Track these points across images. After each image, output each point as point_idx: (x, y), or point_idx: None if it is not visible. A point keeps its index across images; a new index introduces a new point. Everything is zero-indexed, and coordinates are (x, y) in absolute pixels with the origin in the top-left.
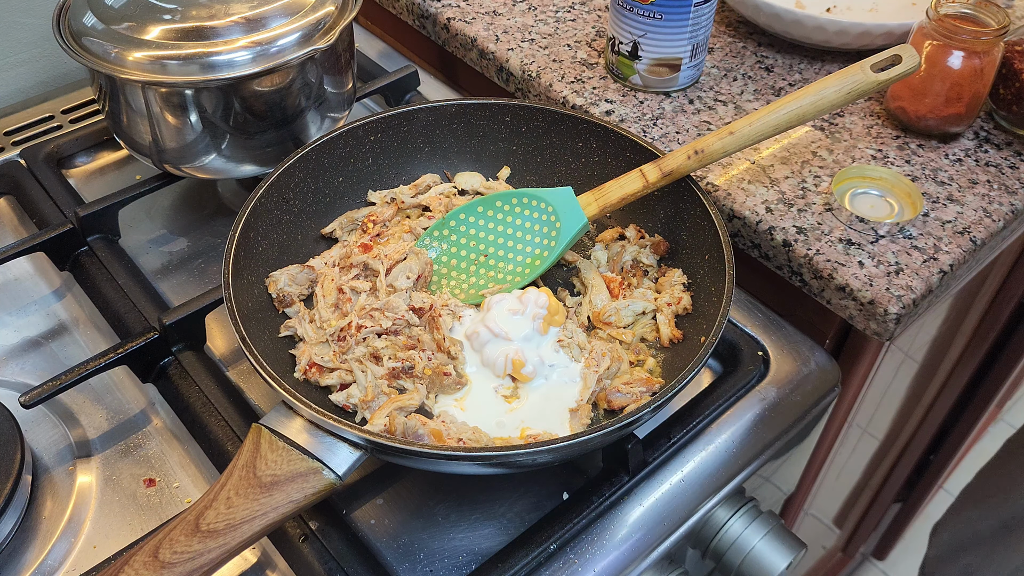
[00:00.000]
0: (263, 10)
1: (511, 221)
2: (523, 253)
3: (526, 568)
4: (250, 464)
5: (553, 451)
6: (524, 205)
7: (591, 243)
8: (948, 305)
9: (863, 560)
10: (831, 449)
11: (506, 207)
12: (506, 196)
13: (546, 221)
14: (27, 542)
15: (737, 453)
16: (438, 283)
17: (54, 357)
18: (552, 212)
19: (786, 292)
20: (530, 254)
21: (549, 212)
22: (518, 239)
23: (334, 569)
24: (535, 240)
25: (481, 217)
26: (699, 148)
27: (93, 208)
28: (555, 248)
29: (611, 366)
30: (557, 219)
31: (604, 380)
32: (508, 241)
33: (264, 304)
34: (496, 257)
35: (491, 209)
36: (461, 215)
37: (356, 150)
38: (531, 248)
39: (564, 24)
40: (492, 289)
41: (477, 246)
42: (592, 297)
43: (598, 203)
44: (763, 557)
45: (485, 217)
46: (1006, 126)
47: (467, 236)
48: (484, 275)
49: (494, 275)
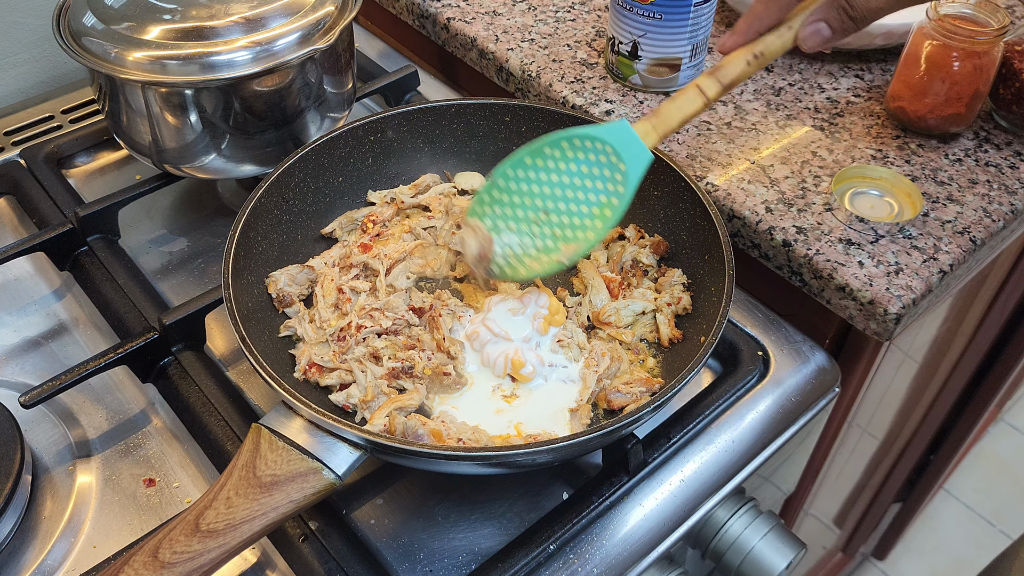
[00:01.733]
0: (263, 10)
1: (566, 168)
2: (587, 203)
3: (526, 568)
4: (250, 464)
5: (553, 451)
6: (577, 148)
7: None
8: (948, 305)
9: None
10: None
11: (557, 153)
12: (554, 140)
13: (606, 163)
14: (27, 542)
15: (737, 453)
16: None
17: (54, 357)
18: (612, 152)
19: (786, 292)
20: (596, 203)
21: (608, 152)
22: (578, 187)
23: (334, 569)
24: (597, 186)
25: (531, 170)
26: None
27: (93, 208)
28: (624, 194)
29: (611, 366)
30: (619, 159)
31: (604, 380)
32: (567, 191)
33: (264, 304)
34: (559, 212)
35: (540, 158)
36: (508, 171)
37: (356, 150)
38: (595, 196)
39: (564, 24)
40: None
41: (534, 203)
42: (592, 297)
43: (656, 131)
44: (763, 557)
45: (536, 169)
46: (1006, 126)
47: (520, 194)
48: (551, 236)
49: (562, 234)
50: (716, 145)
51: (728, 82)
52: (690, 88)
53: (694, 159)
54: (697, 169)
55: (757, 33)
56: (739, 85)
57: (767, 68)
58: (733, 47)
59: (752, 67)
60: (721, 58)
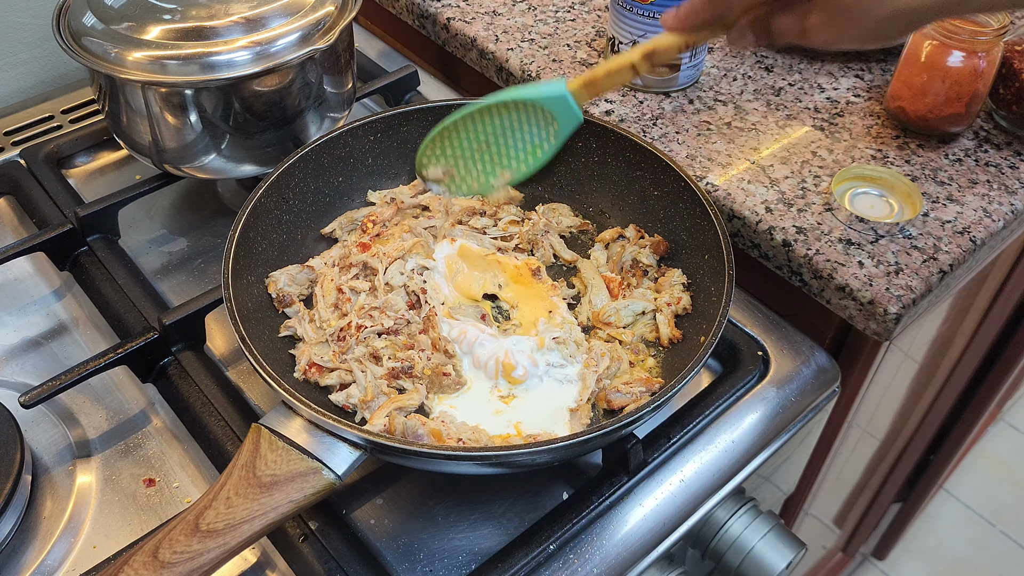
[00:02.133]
0: (263, 10)
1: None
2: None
3: (525, 568)
4: (250, 464)
5: (553, 451)
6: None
7: (591, 243)
8: (948, 305)
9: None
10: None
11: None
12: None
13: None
14: (27, 542)
15: (737, 453)
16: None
17: (54, 357)
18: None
19: (786, 292)
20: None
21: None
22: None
23: (334, 569)
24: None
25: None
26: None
27: (93, 208)
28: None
29: (610, 366)
30: (554, 119)
31: (603, 380)
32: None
33: (264, 304)
34: (497, 145)
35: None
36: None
37: (356, 150)
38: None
39: (564, 24)
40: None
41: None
42: (592, 297)
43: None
44: (763, 557)
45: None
46: (1006, 126)
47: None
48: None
49: (499, 161)
50: (716, 145)
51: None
52: (625, 64)
53: (694, 159)
54: (697, 169)
55: (693, 26)
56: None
57: (767, 68)
58: (672, 28)
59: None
60: None
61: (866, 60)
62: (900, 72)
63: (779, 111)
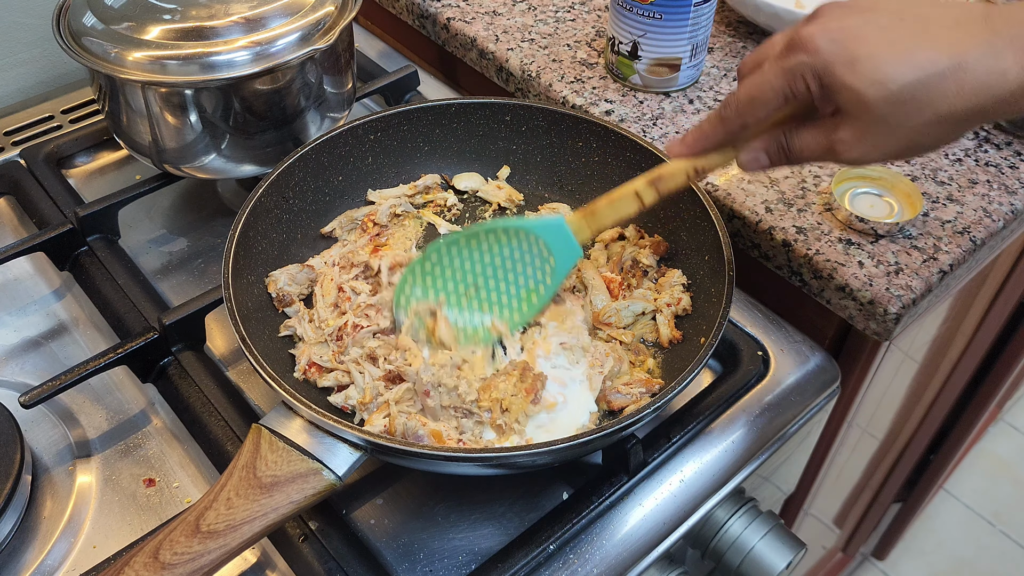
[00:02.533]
0: (263, 10)
1: (499, 251)
2: (516, 285)
3: (525, 568)
4: (250, 465)
5: (553, 452)
6: (512, 236)
7: (590, 243)
8: (948, 305)
9: (863, 560)
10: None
11: (492, 238)
12: (492, 229)
13: (537, 253)
14: (27, 542)
15: (737, 453)
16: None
17: (54, 357)
18: (544, 245)
19: (786, 292)
20: (524, 286)
21: (541, 245)
22: (508, 270)
23: (334, 569)
24: (527, 271)
25: (465, 249)
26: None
27: (93, 208)
28: (551, 285)
29: (614, 367)
30: (550, 253)
31: (607, 381)
32: (498, 272)
33: (264, 304)
34: (487, 288)
35: (475, 240)
36: (442, 248)
37: (356, 150)
38: (524, 280)
39: (564, 24)
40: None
41: (464, 278)
42: (592, 298)
43: (590, 228)
44: (763, 557)
45: (469, 248)
46: (1006, 126)
47: (452, 269)
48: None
49: (489, 310)
50: None
51: (666, 192)
52: (628, 192)
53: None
54: None
55: (703, 149)
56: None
57: None
58: (679, 155)
59: (691, 180)
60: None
61: None
62: None
63: None
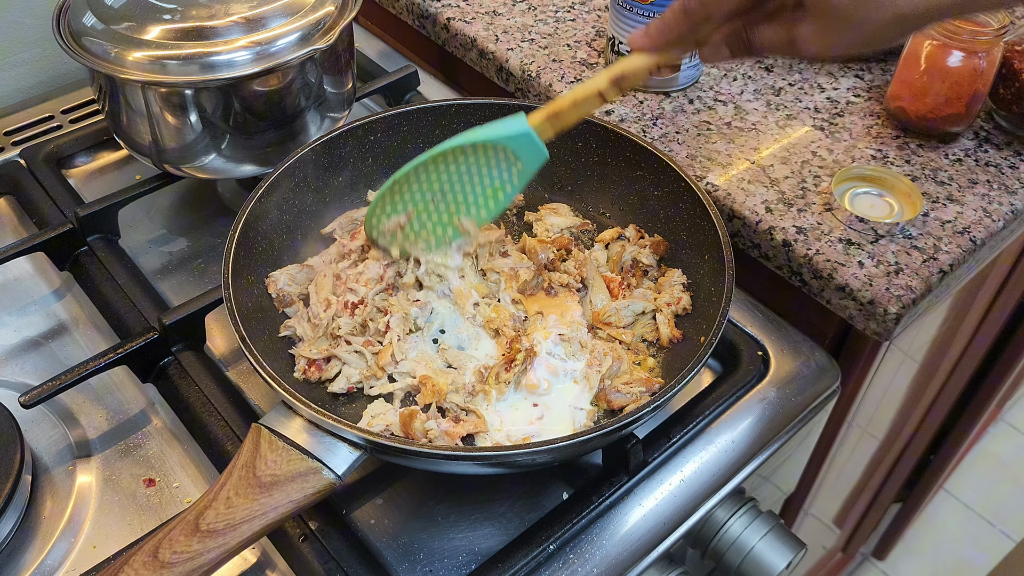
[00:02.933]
0: (263, 10)
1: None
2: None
3: (525, 568)
4: (250, 464)
5: (553, 451)
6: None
7: (590, 243)
8: (948, 305)
9: (863, 560)
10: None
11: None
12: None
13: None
14: (27, 542)
15: (737, 453)
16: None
17: (54, 357)
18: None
19: (786, 292)
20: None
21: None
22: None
23: (334, 569)
24: (493, 174)
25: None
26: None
27: (93, 208)
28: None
29: (612, 365)
30: (517, 158)
31: (605, 380)
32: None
33: (264, 304)
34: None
35: (440, 159)
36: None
37: (356, 150)
38: (490, 180)
39: (564, 24)
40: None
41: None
42: (592, 297)
43: (553, 127)
44: (763, 557)
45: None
46: (1006, 126)
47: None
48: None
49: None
50: (716, 145)
51: (628, 89)
52: (592, 92)
53: (694, 159)
54: (697, 169)
55: (666, 43)
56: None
57: (767, 68)
58: (642, 48)
59: (650, 75)
60: None
61: (866, 60)
62: (900, 72)
63: (779, 111)
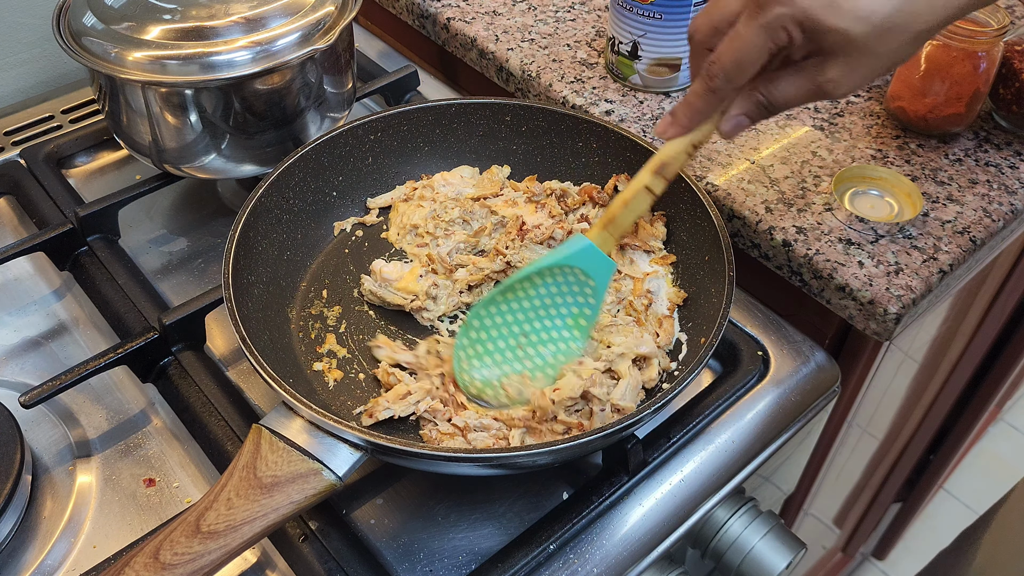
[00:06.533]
0: (263, 10)
1: (536, 294)
2: (561, 316)
3: (526, 568)
4: (250, 465)
5: (553, 452)
6: (546, 276)
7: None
8: (948, 305)
9: (863, 560)
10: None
11: (527, 285)
12: (525, 276)
13: (574, 281)
14: (27, 542)
15: (737, 453)
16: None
17: (54, 357)
18: (579, 271)
19: (786, 292)
20: (569, 314)
21: (576, 272)
22: (550, 306)
23: (334, 569)
24: (568, 300)
25: (504, 303)
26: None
27: (93, 208)
28: (595, 304)
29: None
30: (586, 276)
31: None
32: (540, 312)
33: (264, 304)
34: (536, 332)
35: (510, 293)
36: (481, 311)
37: (356, 150)
38: (567, 309)
39: (564, 24)
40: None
41: (511, 330)
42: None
43: (613, 237)
44: (763, 557)
45: (507, 302)
46: (1006, 126)
47: (497, 328)
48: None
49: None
50: (716, 145)
51: (672, 176)
52: (639, 188)
53: (694, 159)
54: (697, 169)
55: (696, 125)
56: None
57: None
58: (675, 136)
59: (690, 159)
60: None
61: None
62: (900, 72)
63: None
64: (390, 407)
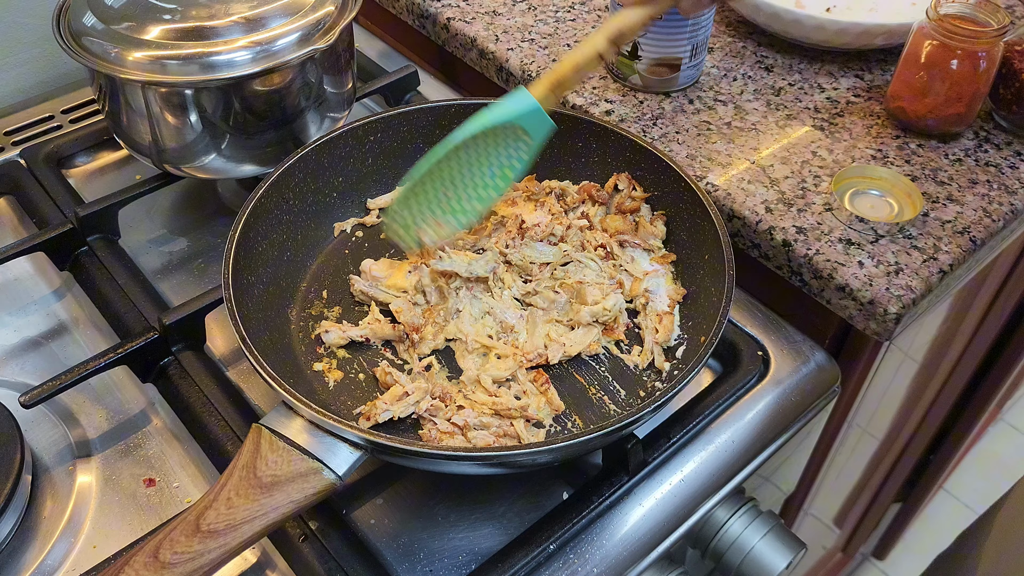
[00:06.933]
0: (263, 10)
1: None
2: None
3: (526, 568)
4: (250, 464)
5: (553, 451)
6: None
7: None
8: (948, 305)
9: (863, 560)
10: (831, 449)
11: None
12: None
13: (511, 135)
14: (27, 542)
15: (737, 453)
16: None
17: (54, 357)
18: (518, 127)
19: (786, 292)
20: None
21: (515, 128)
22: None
23: (334, 569)
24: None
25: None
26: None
27: (93, 208)
28: (526, 159)
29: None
30: (524, 132)
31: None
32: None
33: (264, 304)
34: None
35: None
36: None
37: (356, 150)
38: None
39: (564, 24)
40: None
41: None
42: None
43: (555, 94)
44: (763, 557)
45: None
46: (1006, 126)
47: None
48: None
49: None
50: (716, 145)
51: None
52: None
53: (694, 159)
54: (697, 169)
55: None
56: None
57: (767, 68)
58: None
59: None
60: None
61: (866, 60)
62: (900, 72)
63: (779, 111)
64: (389, 408)
